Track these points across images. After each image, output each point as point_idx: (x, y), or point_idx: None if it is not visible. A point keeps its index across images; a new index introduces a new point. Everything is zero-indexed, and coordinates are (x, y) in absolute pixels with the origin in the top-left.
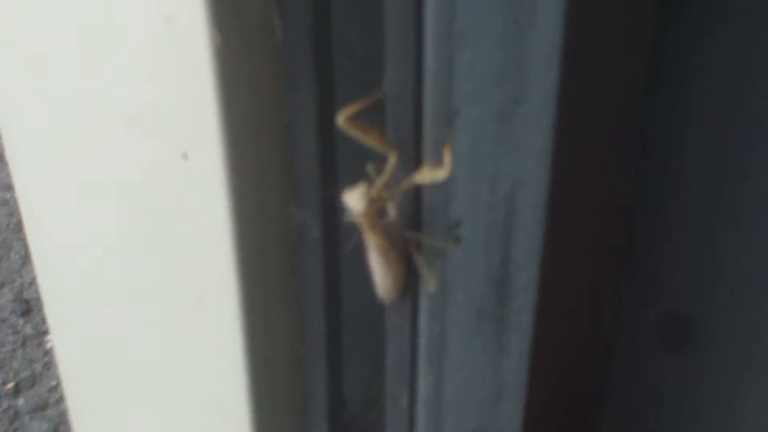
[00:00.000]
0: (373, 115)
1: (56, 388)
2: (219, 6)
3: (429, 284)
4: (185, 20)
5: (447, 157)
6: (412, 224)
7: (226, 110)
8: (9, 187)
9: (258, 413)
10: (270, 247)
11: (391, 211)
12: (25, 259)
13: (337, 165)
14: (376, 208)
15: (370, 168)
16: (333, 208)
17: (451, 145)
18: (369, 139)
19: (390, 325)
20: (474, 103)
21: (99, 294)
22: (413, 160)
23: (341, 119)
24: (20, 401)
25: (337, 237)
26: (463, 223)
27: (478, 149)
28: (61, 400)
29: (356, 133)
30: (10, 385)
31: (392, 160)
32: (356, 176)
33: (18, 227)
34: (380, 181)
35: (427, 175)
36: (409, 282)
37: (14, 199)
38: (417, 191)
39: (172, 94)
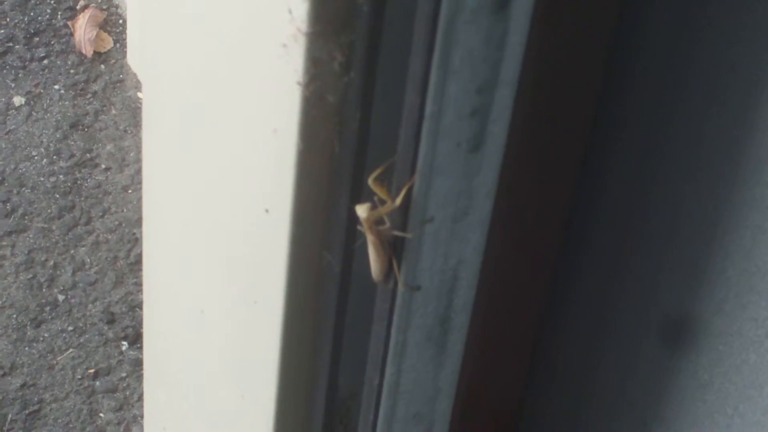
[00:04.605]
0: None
1: (125, 378)
2: (303, 127)
3: (401, 285)
4: (284, 133)
5: (402, 194)
6: (397, 252)
7: (298, 185)
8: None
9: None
10: (308, 276)
11: (386, 221)
12: (115, 284)
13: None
14: (373, 219)
15: (369, 182)
16: (350, 254)
17: (408, 188)
18: (382, 194)
19: (376, 317)
20: (441, 209)
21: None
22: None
23: (370, 180)
24: (97, 383)
25: (349, 271)
26: (426, 277)
27: (439, 237)
28: (127, 387)
29: (376, 190)
30: (92, 370)
31: (389, 205)
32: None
33: (114, 260)
34: (379, 210)
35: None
36: (391, 272)
37: (114, 239)
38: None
39: (272, 172)
